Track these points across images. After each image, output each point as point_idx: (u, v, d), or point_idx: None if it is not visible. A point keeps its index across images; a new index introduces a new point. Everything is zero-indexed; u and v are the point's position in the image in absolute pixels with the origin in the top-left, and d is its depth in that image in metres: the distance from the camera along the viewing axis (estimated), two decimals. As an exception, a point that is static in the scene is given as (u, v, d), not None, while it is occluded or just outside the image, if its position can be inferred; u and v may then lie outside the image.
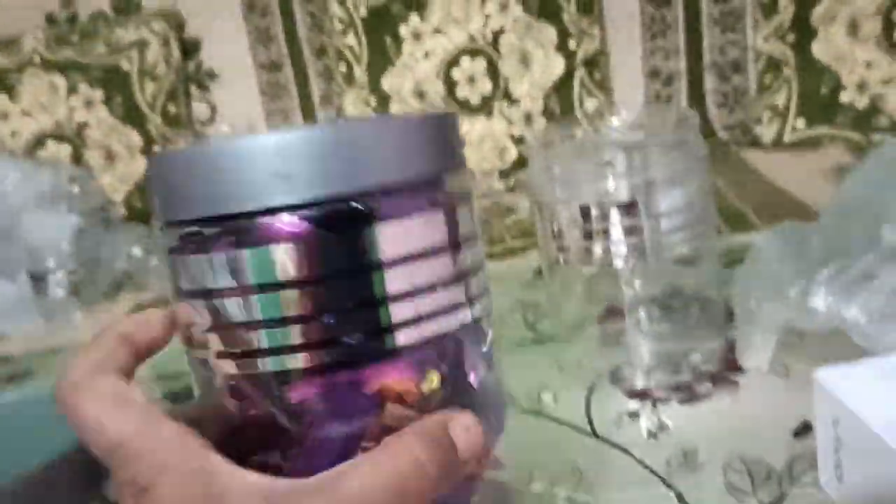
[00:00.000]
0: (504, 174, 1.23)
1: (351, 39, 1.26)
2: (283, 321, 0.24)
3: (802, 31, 1.16)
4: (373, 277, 0.25)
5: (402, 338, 0.25)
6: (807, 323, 0.47)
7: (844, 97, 1.14)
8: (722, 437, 0.47)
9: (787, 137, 1.17)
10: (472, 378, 0.27)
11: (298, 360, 0.25)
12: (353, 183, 0.24)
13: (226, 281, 0.25)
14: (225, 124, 1.35)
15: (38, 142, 1.33)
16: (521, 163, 1.21)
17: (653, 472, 0.45)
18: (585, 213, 0.52)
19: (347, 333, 0.24)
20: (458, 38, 1.22)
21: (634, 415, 0.50)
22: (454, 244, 0.27)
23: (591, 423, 0.51)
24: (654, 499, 0.43)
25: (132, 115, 1.32)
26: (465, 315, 0.27)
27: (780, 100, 1.18)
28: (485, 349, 0.28)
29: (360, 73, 1.26)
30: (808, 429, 0.45)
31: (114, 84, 1.31)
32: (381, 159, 0.25)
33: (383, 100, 1.25)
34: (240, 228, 0.24)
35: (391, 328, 0.25)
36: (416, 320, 0.25)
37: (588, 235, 0.52)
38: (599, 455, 0.48)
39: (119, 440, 0.24)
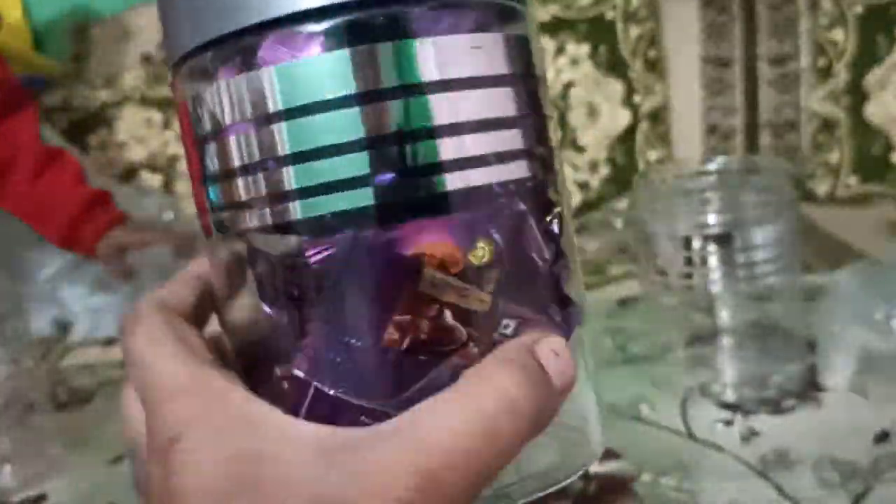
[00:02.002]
0: (569, 218, 1.30)
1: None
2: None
3: (856, 95, 1.24)
4: (413, 102, 0.20)
5: (450, 181, 0.20)
6: (887, 344, 0.53)
7: (895, 158, 1.21)
8: (808, 442, 0.53)
9: (839, 193, 1.24)
10: (534, 257, 0.22)
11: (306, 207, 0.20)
12: None
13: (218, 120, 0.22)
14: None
15: (133, 171, 1.43)
16: (586, 207, 1.29)
17: (752, 467, 0.51)
18: (687, 243, 0.59)
19: (381, 172, 0.20)
20: (531, 89, 1.31)
21: (728, 422, 0.57)
22: (517, 76, 0.22)
23: (688, 428, 0.57)
24: (752, 490, 0.50)
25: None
26: (524, 167, 0.22)
27: (832, 158, 1.25)
28: (553, 227, 0.23)
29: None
30: (888, 436, 0.51)
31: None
32: None
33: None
34: (248, 46, 0.21)
35: (437, 168, 0.20)
36: (466, 162, 0.21)
37: (688, 262, 0.59)
38: (698, 455, 0.54)
39: (155, 379, 0.21)
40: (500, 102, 0.21)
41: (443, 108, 0.20)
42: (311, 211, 0.20)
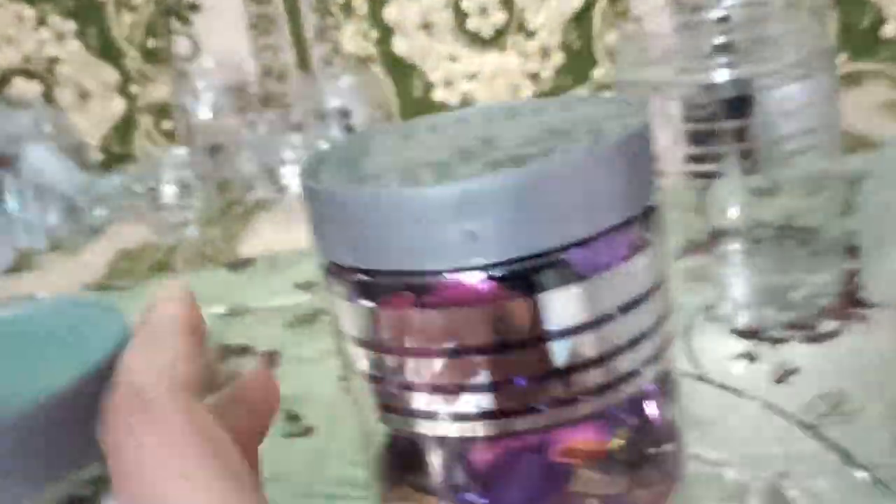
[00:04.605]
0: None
1: (350, -34, 1.16)
2: (462, 387, 0.22)
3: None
4: (565, 343, 0.22)
5: (595, 404, 0.22)
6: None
7: (887, 31, 1.07)
8: (868, 380, 0.38)
9: (825, 74, 1.09)
10: (655, 424, 0.24)
11: (480, 428, 0.22)
12: (548, 238, 0.21)
13: (399, 339, 0.22)
14: (210, 60, 1.24)
15: (4, 78, 1.21)
16: (537, 101, 1.12)
17: (790, 419, 0.36)
18: (687, 106, 0.43)
19: (536, 401, 0.22)
20: (470, -37, 1.12)
21: (750, 357, 0.42)
22: (655, 289, 0.23)
23: (695, 365, 0.42)
24: (793, 452, 0.35)
25: (107, 50, 1.21)
26: (659, 367, 0.23)
27: (816, 35, 1.10)
28: (668, 389, 0.25)
29: (359, 2, 1.16)
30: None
31: (88, 16, 1.20)
32: (581, 205, 0.21)
33: (386, 32, 1.14)
34: (420, 285, 0.22)
35: (585, 393, 0.22)
36: (613, 384, 0.22)
37: (688, 140, 0.43)
38: (711, 402, 0.39)
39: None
40: (646, 315, 0.22)
41: (590, 344, 0.22)
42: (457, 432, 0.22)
